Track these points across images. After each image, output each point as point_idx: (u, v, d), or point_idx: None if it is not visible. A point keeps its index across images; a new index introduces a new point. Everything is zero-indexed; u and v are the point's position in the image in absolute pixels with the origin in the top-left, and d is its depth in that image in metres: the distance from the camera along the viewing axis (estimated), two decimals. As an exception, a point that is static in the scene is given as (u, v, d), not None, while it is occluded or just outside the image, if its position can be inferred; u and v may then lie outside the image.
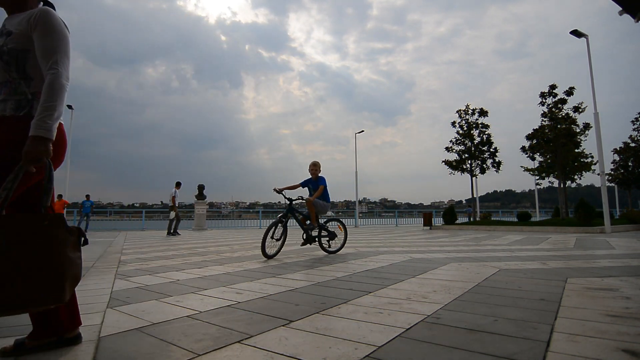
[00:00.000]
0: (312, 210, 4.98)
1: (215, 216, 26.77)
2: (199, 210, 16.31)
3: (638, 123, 24.69)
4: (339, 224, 5.49)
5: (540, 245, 6.43)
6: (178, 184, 12.21)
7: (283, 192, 5.00)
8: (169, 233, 11.71)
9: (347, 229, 5.56)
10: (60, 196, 14.97)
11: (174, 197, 11.79)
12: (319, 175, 5.25)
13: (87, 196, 14.99)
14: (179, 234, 11.84)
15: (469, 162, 19.43)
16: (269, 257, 4.51)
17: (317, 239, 5.01)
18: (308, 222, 5.08)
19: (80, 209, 14.94)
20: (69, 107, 17.24)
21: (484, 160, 19.33)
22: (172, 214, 11.73)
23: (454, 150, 19.90)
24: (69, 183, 16.80)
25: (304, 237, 5.02)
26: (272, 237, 4.62)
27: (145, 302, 2.30)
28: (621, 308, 1.98)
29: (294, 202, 5.05)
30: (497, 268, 3.57)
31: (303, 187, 5.24)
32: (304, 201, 5.03)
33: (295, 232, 7.24)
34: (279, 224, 4.79)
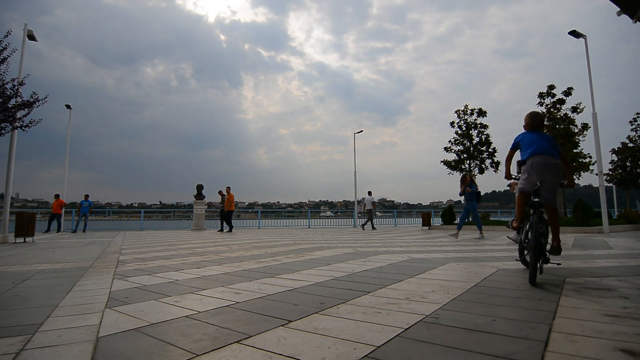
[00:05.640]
0: None
1: (214, 216, 26.72)
2: (197, 210, 16.29)
3: (636, 123, 24.76)
4: None
5: (538, 245, 6.43)
6: (370, 192, 15.05)
7: None
8: (364, 227, 15.43)
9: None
10: (57, 196, 14.94)
11: (373, 203, 14.90)
12: None
13: (86, 196, 14.95)
14: (375, 229, 15.16)
15: (468, 162, 19.46)
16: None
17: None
18: None
19: (79, 209, 14.91)
20: (67, 106, 17.19)
21: (482, 161, 19.36)
22: (378, 214, 15.53)
23: (453, 151, 19.92)
24: (67, 183, 16.77)
25: None
26: None
27: (144, 302, 2.29)
28: (619, 308, 1.99)
29: None
30: (495, 268, 3.57)
31: None
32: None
33: (294, 230, 7.20)
34: None
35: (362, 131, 23.54)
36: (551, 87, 17.63)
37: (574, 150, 17.62)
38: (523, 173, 3.11)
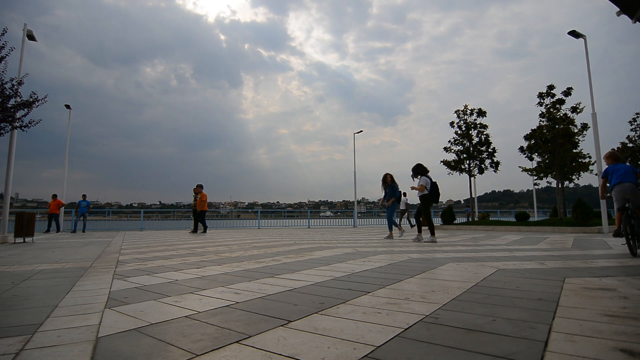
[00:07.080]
0: None
1: (213, 216, 26.79)
2: (197, 210, 16.25)
3: (635, 123, 24.75)
4: None
5: (538, 245, 6.44)
6: (405, 194, 15.43)
7: None
8: (411, 226, 16.31)
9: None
10: (54, 196, 14.93)
11: (406, 204, 15.87)
12: None
13: (84, 196, 14.95)
14: (413, 226, 16.28)
15: (468, 162, 19.47)
16: None
17: None
18: None
19: (77, 209, 14.89)
20: (67, 106, 17.18)
21: (482, 161, 19.36)
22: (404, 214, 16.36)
23: (453, 151, 19.92)
24: (67, 183, 16.76)
25: None
26: None
27: (144, 303, 2.29)
28: (619, 308, 1.99)
29: None
30: (495, 268, 3.57)
31: None
32: None
33: (292, 230, 7.19)
34: None
35: (361, 131, 23.56)
36: (551, 87, 17.64)
37: (574, 150, 17.63)
38: (613, 195, 4.77)
